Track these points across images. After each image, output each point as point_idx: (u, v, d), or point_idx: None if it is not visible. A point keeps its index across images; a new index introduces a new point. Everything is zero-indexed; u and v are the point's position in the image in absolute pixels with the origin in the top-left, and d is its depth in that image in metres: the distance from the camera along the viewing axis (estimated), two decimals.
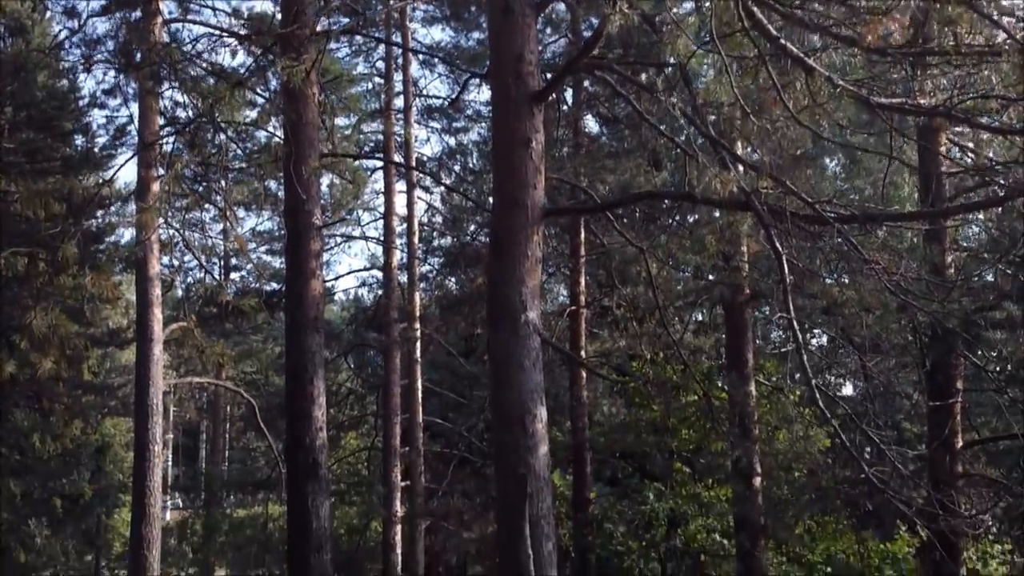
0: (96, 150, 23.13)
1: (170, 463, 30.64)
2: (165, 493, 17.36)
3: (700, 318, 22.03)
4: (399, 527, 20.51)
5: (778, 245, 7.49)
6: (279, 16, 11.79)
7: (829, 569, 16.03)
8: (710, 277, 16.04)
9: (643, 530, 16.54)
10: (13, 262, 19.31)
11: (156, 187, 14.12)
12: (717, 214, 11.80)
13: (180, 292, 27.47)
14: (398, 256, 22.70)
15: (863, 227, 8.50)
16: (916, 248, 12.02)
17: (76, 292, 17.97)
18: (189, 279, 26.82)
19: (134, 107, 16.54)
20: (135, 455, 13.25)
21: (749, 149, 11.56)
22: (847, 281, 9.33)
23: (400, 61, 21.21)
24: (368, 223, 28.89)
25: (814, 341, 23.32)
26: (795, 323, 8.04)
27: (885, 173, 11.36)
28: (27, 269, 19.52)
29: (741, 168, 8.23)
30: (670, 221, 15.22)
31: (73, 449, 21.52)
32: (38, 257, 19.28)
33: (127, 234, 24.81)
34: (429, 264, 23.61)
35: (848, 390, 25.69)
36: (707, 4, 7.82)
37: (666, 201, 14.26)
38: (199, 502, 33.92)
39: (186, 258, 24.21)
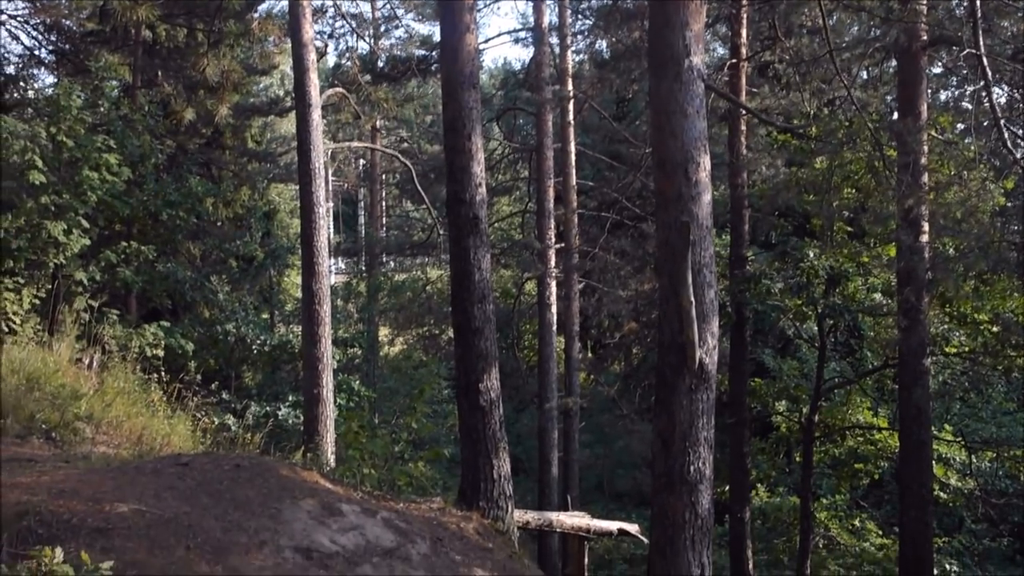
0: None
1: (331, 230, 31.96)
2: (329, 256, 18.29)
3: (866, 76, 20.71)
4: (554, 286, 21.02)
5: None
6: None
7: (995, 328, 15.63)
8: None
9: (801, 288, 16.40)
10: (173, 34, 19.80)
11: None
12: None
13: (333, 60, 27.70)
14: (549, 15, 22.04)
15: None
16: None
17: (242, 39, 18.53)
18: (341, 45, 26.96)
19: None
20: (301, 217, 13.75)
21: None
22: None
23: None
24: None
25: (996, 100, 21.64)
26: (984, 59, 7.39)
27: None
28: (186, 40, 20.04)
29: None
30: None
31: (243, 214, 22.69)
32: (196, 29, 19.70)
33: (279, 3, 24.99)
34: (581, 22, 22.78)
35: None
36: None
37: None
38: (361, 266, 35.60)
39: (338, 24, 24.20)
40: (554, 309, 20.98)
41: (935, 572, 14.45)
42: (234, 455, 8.97)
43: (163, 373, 13.26)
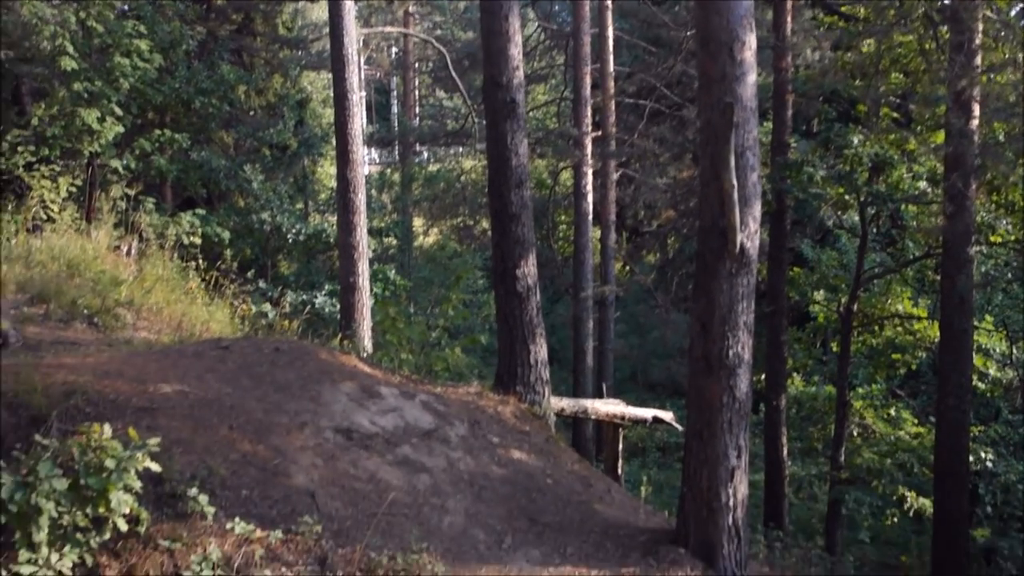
0: None
1: (364, 120, 31.62)
2: (363, 146, 18.03)
3: None
4: (590, 175, 20.76)
5: None
6: None
7: None
8: None
9: (843, 176, 16.04)
10: None
11: None
12: None
13: None
14: None
15: None
16: None
17: None
18: None
19: None
20: (335, 104, 13.54)
21: None
22: None
23: None
24: None
25: None
26: None
27: None
28: None
29: None
30: None
31: (276, 102, 22.49)
32: None
33: None
34: None
35: None
36: None
37: None
38: (394, 156, 35.39)
39: None
40: (590, 198, 20.76)
41: (970, 459, 14.49)
42: (273, 339, 9.06)
43: (200, 261, 13.36)
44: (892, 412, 17.32)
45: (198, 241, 14.72)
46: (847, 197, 16.58)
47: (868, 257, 17.27)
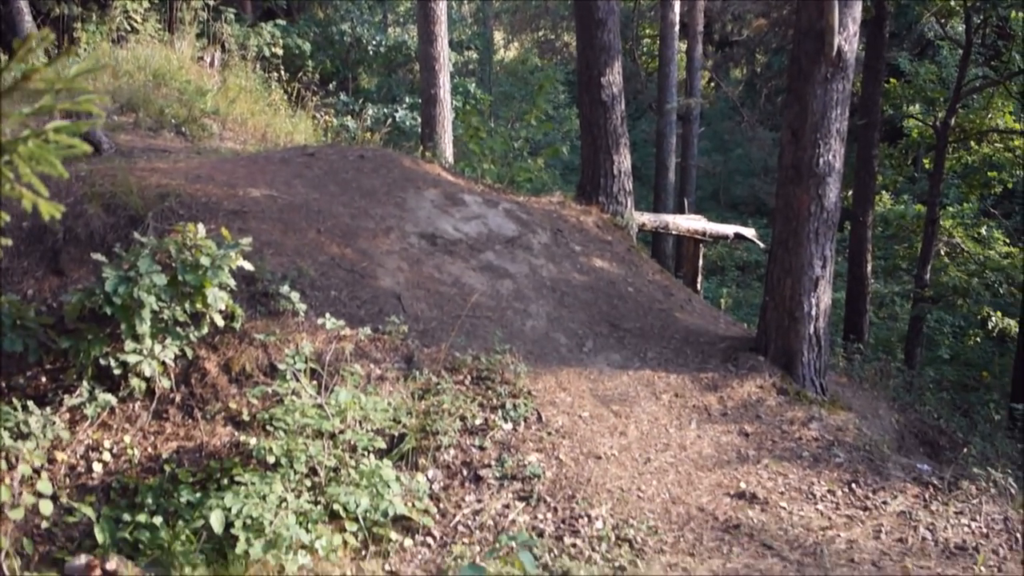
0: None
1: None
2: None
3: None
4: None
5: None
6: None
7: None
8: None
9: None
10: None
11: None
12: None
13: None
14: None
15: None
16: None
17: None
18: None
19: None
20: None
21: None
22: None
23: None
24: None
25: None
26: None
27: None
28: None
29: None
30: None
31: None
32: None
33: None
34: None
35: None
36: None
37: None
38: None
39: None
40: (677, 8, 19.88)
41: None
42: (358, 147, 9.10)
43: (282, 73, 13.33)
44: (983, 231, 16.82)
45: (279, 52, 14.64)
46: (952, 2, 15.55)
47: (970, 71, 16.37)
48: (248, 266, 5.69)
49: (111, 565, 4.60)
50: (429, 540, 5.03)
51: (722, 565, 4.75)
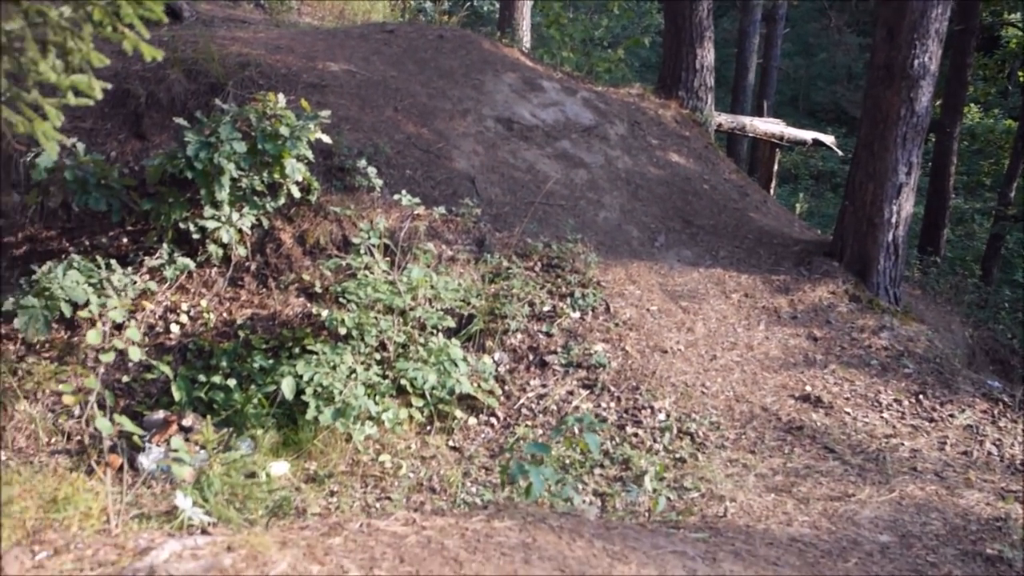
0: None
1: None
2: None
3: None
4: None
5: None
6: None
7: None
8: None
9: None
10: None
11: None
12: None
13: None
14: None
15: None
16: None
17: None
18: None
19: None
20: None
21: None
22: None
23: None
24: None
25: None
26: None
27: None
28: None
29: None
30: None
31: None
32: None
33: None
34: None
35: None
36: None
37: None
38: None
39: None
40: None
41: None
42: (437, 26, 8.97)
43: None
44: None
45: None
46: None
47: None
48: (326, 139, 5.69)
49: (187, 421, 4.77)
50: (493, 420, 5.12)
51: (782, 464, 4.76)
